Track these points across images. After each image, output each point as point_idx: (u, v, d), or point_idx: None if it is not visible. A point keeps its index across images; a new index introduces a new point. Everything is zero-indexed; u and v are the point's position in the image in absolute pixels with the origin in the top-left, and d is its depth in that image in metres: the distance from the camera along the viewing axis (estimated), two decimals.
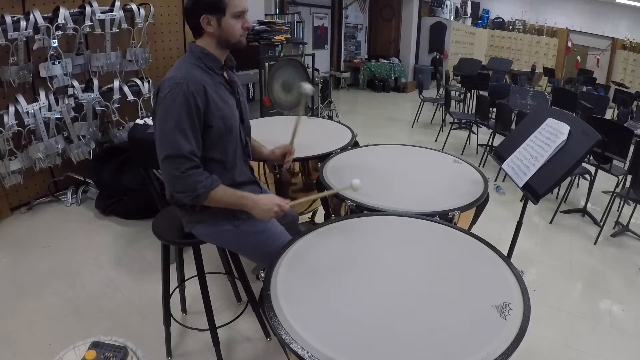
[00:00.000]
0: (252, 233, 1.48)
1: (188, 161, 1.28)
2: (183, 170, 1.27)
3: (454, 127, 5.80)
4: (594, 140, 1.44)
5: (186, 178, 1.28)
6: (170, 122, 1.26)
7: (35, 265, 2.45)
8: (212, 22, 1.32)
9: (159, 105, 1.30)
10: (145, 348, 1.33)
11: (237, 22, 1.35)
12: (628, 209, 3.27)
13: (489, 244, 1.32)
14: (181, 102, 1.26)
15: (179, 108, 1.26)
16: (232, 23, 1.33)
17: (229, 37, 1.35)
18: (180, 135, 1.27)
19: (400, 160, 2.13)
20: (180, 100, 1.26)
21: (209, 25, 1.33)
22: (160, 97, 1.29)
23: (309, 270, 1.20)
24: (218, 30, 1.34)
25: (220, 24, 1.33)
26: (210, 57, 1.37)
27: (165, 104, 1.27)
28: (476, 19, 12.12)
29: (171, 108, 1.26)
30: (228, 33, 1.34)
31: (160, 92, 1.31)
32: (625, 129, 3.15)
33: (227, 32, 1.34)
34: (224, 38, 1.35)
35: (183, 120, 1.27)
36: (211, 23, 1.32)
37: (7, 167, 2.82)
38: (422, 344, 0.94)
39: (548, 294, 2.37)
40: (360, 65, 9.69)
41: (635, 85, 9.67)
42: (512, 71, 8.12)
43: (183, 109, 1.26)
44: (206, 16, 1.31)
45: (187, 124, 1.28)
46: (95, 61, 3.15)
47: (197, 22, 1.33)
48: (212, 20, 1.32)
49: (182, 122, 1.27)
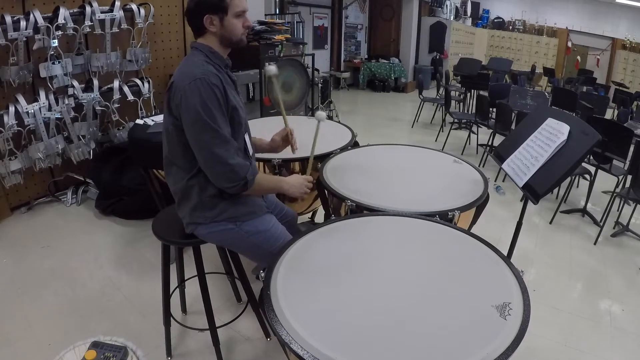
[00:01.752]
0: (253, 233, 1.49)
1: (231, 146, 1.34)
2: (232, 157, 1.33)
3: (454, 127, 5.80)
4: (594, 140, 1.44)
5: (237, 166, 1.34)
6: (205, 115, 1.28)
7: (35, 265, 2.45)
8: (215, 22, 1.35)
9: (188, 104, 1.28)
10: (145, 348, 1.33)
11: (239, 21, 1.38)
12: (628, 209, 3.27)
13: (489, 244, 1.32)
14: (210, 94, 1.29)
15: (211, 100, 1.30)
16: (234, 22, 1.36)
17: (231, 35, 1.38)
18: (219, 123, 1.31)
19: (400, 160, 2.13)
20: (209, 92, 1.29)
21: (212, 25, 1.35)
22: (186, 96, 1.28)
23: (309, 270, 1.20)
24: (221, 30, 1.37)
25: (223, 24, 1.36)
26: (216, 55, 1.40)
27: (194, 98, 1.28)
28: (476, 19, 12.12)
29: (203, 101, 1.28)
30: (230, 32, 1.37)
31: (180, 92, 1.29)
32: (625, 129, 3.15)
33: (229, 31, 1.37)
34: (226, 37, 1.38)
35: (217, 110, 1.31)
36: (214, 22, 1.35)
37: (7, 167, 2.82)
38: (422, 344, 0.94)
39: (548, 294, 2.38)
40: (360, 65, 9.69)
41: (635, 85, 9.67)
42: (512, 71, 8.12)
43: (214, 100, 1.30)
44: (209, 16, 1.34)
45: (220, 112, 1.32)
46: (95, 61, 3.15)
47: (200, 22, 1.35)
48: (215, 20, 1.35)
49: (217, 112, 1.31)
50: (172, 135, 1.38)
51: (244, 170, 1.35)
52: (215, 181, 1.37)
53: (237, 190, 1.37)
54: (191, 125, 1.30)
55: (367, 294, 1.10)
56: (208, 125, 1.29)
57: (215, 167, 1.33)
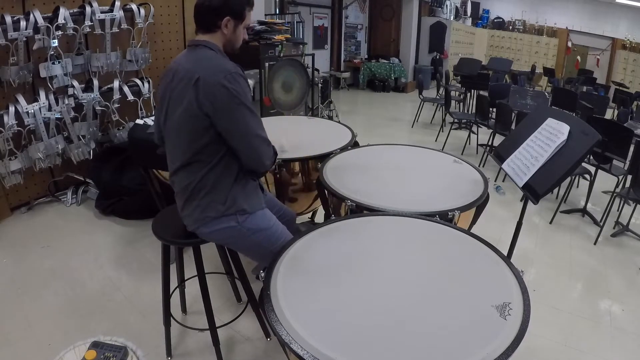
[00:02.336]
0: (255, 230, 1.49)
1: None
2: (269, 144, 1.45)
3: (454, 127, 5.80)
4: (594, 140, 1.44)
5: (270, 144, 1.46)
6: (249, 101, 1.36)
7: (35, 265, 2.45)
8: (230, 26, 1.41)
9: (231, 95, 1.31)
10: (145, 348, 1.34)
11: (244, 32, 1.47)
12: (628, 209, 3.27)
13: (489, 244, 1.32)
14: (245, 85, 1.37)
15: (247, 90, 1.37)
16: (242, 32, 1.46)
17: (235, 42, 1.47)
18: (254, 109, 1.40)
19: (400, 160, 2.13)
20: (245, 84, 1.36)
21: (226, 28, 1.41)
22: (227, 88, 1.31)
23: (309, 270, 1.20)
24: (231, 35, 1.43)
25: (235, 30, 1.43)
26: (224, 56, 1.45)
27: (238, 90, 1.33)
28: (476, 19, 12.12)
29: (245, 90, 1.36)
30: (236, 39, 1.46)
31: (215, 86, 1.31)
32: (625, 129, 3.15)
33: (235, 38, 1.45)
34: (232, 42, 1.46)
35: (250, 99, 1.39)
36: (228, 26, 1.41)
37: (7, 167, 2.82)
38: (422, 344, 0.94)
39: (548, 294, 2.38)
40: (360, 65, 9.68)
41: (635, 85, 9.67)
42: (512, 71, 8.12)
43: (247, 90, 1.38)
44: (229, 19, 1.39)
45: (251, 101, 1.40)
46: (95, 61, 3.15)
47: (216, 21, 1.39)
48: (230, 24, 1.41)
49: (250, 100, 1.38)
50: (193, 133, 1.35)
51: (273, 146, 1.48)
52: (258, 162, 1.42)
53: (270, 165, 1.49)
54: (233, 115, 1.34)
55: (367, 294, 1.10)
56: (251, 112, 1.36)
57: (261, 148, 1.41)
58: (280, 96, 3.30)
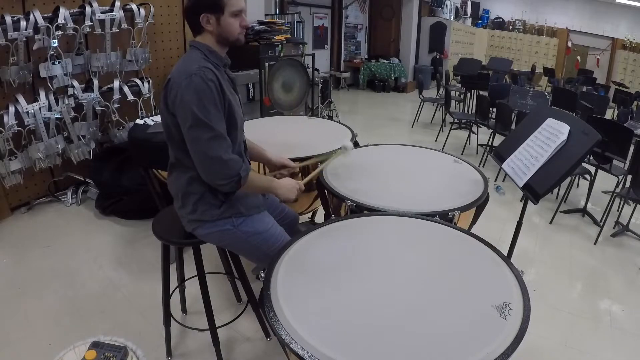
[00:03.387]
0: (252, 233, 1.49)
1: (226, 142, 1.33)
2: (226, 152, 1.31)
3: (454, 127, 5.80)
4: (594, 140, 1.44)
5: (230, 162, 1.32)
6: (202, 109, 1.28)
7: (35, 265, 2.45)
8: (212, 21, 1.35)
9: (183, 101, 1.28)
10: (145, 348, 1.33)
11: (235, 21, 1.38)
12: (628, 209, 3.27)
13: (489, 244, 1.32)
14: (205, 89, 1.28)
15: (206, 95, 1.29)
16: (231, 21, 1.37)
17: (228, 35, 1.38)
18: (214, 118, 1.30)
19: (400, 160, 2.13)
20: (204, 88, 1.28)
21: (208, 24, 1.36)
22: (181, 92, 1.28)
23: (309, 270, 1.20)
24: (217, 29, 1.37)
25: (219, 22, 1.36)
26: (214, 54, 1.40)
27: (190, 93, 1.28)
28: (476, 19, 12.11)
29: (199, 95, 1.28)
30: (227, 31, 1.38)
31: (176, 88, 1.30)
32: (625, 129, 3.15)
33: (225, 30, 1.37)
34: (223, 36, 1.39)
35: (212, 106, 1.30)
36: (210, 21, 1.35)
37: (7, 167, 2.82)
38: (421, 344, 0.94)
39: (548, 294, 2.37)
40: (360, 65, 9.68)
41: (635, 85, 9.66)
42: (512, 71, 8.12)
43: (210, 95, 1.29)
44: (206, 15, 1.34)
45: (216, 109, 1.31)
46: (95, 61, 3.15)
47: (197, 21, 1.35)
48: (211, 19, 1.35)
49: (212, 107, 1.30)
50: (172, 133, 1.38)
51: (237, 166, 1.34)
52: (208, 178, 1.35)
53: (230, 187, 1.35)
54: (185, 121, 1.30)
55: (367, 294, 1.10)
56: (202, 122, 1.28)
57: (209, 164, 1.32)
58: (280, 96, 3.30)
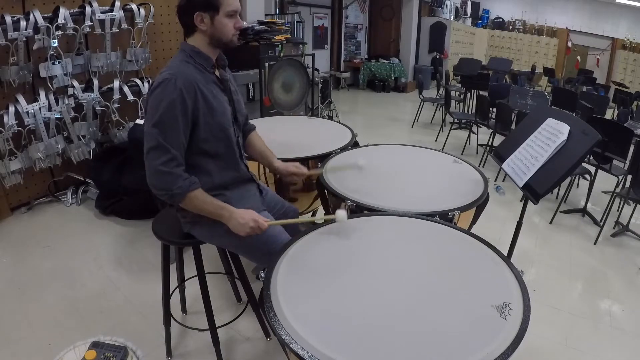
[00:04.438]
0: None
1: (169, 155, 1.29)
2: (164, 164, 1.28)
3: (454, 127, 5.80)
4: (594, 140, 1.44)
5: (165, 175, 1.29)
6: (156, 116, 1.28)
7: (35, 265, 2.45)
8: (206, 20, 1.34)
9: (149, 100, 1.32)
10: (145, 348, 1.34)
11: (230, 22, 1.36)
12: (628, 209, 3.27)
13: (489, 244, 1.32)
14: (169, 97, 1.27)
15: (167, 103, 1.28)
16: (225, 22, 1.35)
17: (221, 35, 1.37)
18: (167, 128, 1.28)
19: (400, 160, 2.13)
20: (169, 95, 1.27)
21: (202, 23, 1.34)
22: (150, 92, 1.32)
23: (309, 270, 1.20)
24: (211, 29, 1.35)
25: (213, 22, 1.34)
26: (201, 55, 1.38)
27: (153, 98, 1.29)
28: (476, 19, 12.12)
29: (159, 102, 1.28)
30: (220, 32, 1.36)
31: (150, 88, 1.33)
32: (625, 129, 3.15)
33: (219, 31, 1.36)
34: (216, 36, 1.37)
35: (170, 115, 1.28)
36: (204, 21, 1.34)
37: (7, 167, 2.82)
38: (421, 344, 0.94)
39: (548, 294, 2.37)
40: (360, 65, 9.68)
41: (635, 85, 9.66)
42: (512, 71, 8.12)
43: (170, 104, 1.28)
44: (200, 13, 1.32)
45: (173, 119, 1.29)
46: (95, 61, 3.15)
47: (191, 20, 1.34)
48: (205, 18, 1.33)
49: (169, 116, 1.28)
50: None
51: (173, 182, 1.30)
52: (149, 183, 1.33)
53: (165, 199, 1.34)
54: (146, 117, 1.32)
55: (368, 294, 1.10)
56: (151, 130, 1.28)
57: (148, 171, 1.31)
58: (280, 96, 3.30)
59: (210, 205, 1.38)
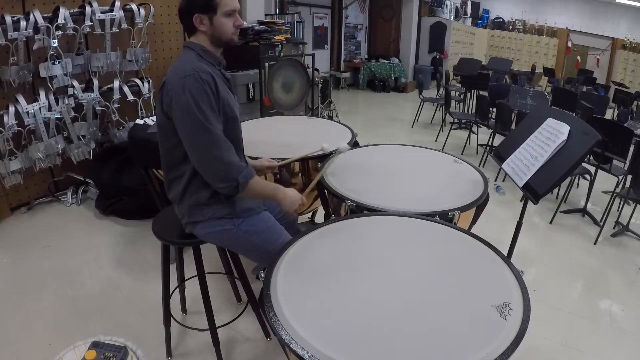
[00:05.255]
0: (252, 233, 1.49)
1: (227, 144, 1.33)
2: (226, 155, 1.31)
3: (454, 127, 5.80)
4: (594, 140, 1.44)
5: (229, 166, 1.32)
6: (200, 110, 1.27)
7: (35, 265, 2.45)
8: (205, 21, 1.36)
9: (179, 102, 1.28)
10: (145, 348, 1.33)
11: (229, 21, 1.38)
12: (628, 209, 3.27)
13: (489, 244, 1.32)
14: (201, 90, 1.28)
15: (202, 96, 1.28)
16: (224, 21, 1.37)
17: (221, 35, 1.39)
18: (212, 119, 1.30)
19: (400, 160, 2.13)
20: (199, 89, 1.28)
21: (201, 24, 1.36)
22: (177, 95, 1.28)
23: (309, 270, 1.20)
24: (210, 29, 1.37)
25: (212, 23, 1.36)
26: (208, 54, 1.40)
27: (187, 97, 1.27)
28: (476, 19, 12.12)
29: (195, 97, 1.27)
30: (220, 31, 1.38)
31: (171, 90, 1.29)
32: (625, 129, 3.15)
33: (219, 31, 1.38)
34: (216, 36, 1.39)
35: (208, 107, 1.29)
36: (204, 22, 1.36)
37: (7, 167, 2.82)
38: (421, 344, 0.94)
39: (548, 294, 2.37)
40: (360, 65, 9.68)
41: (635, 85, 9.67)
42: (512, 71, 8.12)
43: (205, 96, 1.29)
44: (198, 15, 1.34)
45: (210, 109, 1.30)
46: (95, 61, 3.15)
47: (190, 21, 1.36)
48: (204, 19, 1.35)
49: (208, 108, 1.29)
50: (167, 134, 1.38)
51: (237, 170, 1.33)
52: (209, 180, 1.35)
53: (229, 191, 1.35)
54: (183, 123, 1.30)
55: (367, 294, 1.10)
56: (200, 123, 1.27)
57: (210, 165, 1.32)
58: (280, 96, 3.30)
59: (267, 188, 1.45)
